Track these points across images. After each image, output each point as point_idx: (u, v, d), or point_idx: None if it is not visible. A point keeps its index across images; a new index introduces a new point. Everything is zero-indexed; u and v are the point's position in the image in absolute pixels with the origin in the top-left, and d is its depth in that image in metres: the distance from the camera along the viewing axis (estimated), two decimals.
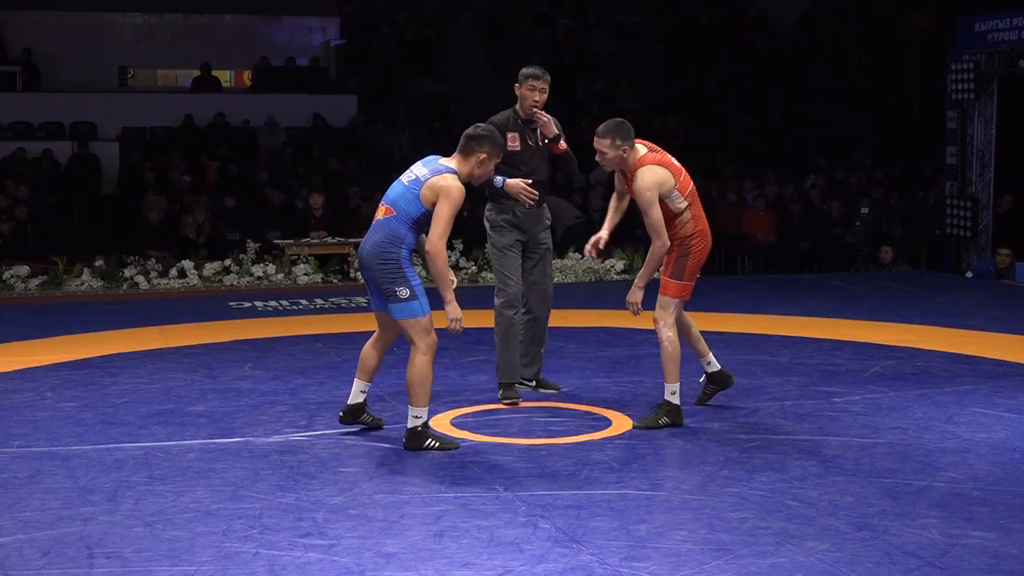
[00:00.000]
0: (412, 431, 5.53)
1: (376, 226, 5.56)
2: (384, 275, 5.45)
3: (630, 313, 6.09)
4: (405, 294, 5.43)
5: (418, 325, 5.45)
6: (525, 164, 6.69)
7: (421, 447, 5.50)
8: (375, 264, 5.47)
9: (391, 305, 5.48)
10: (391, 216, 5.52)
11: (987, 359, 7.80)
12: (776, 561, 4.10)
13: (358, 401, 5.85)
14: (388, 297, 5.47)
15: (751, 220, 14.90)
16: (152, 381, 7.22)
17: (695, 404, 6.42)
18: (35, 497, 4.86)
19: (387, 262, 5.45)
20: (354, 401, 5.85)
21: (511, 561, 4.12)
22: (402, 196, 5.53)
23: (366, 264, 5.53)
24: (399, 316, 5.47)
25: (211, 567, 4.07)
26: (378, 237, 5.51)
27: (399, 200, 5.52)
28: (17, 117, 17.45)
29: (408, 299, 5.43)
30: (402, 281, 5.43)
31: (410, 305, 5.43)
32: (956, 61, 13.85)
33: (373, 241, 5.53)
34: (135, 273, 11.96)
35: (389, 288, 5.45)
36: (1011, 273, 12.23)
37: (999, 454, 5.49)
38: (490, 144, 5.60)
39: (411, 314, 5.44)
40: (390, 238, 5.48)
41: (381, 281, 5.47)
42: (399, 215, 5.50)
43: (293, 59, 19.97)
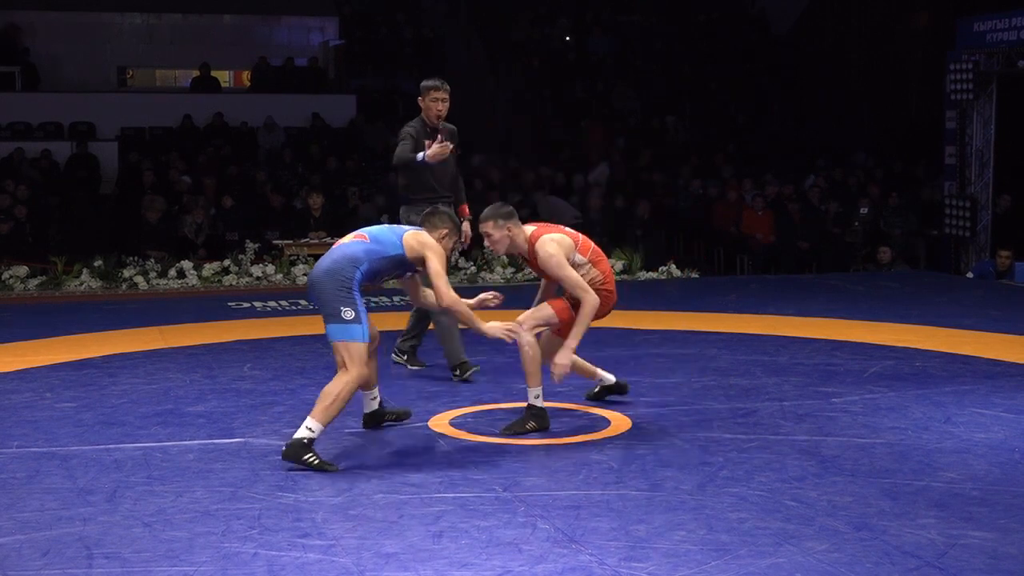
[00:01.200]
0: (297, 442, 5.19)
1: (336, 249, 5.47)
2: (332, 293, 5.29)
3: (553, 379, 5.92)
4: (349, 315, 5.28)
5: (355, 350, 5.28)
6: (430, 172, 7.16)
7: (300, 460, 5.17)
8: (326, 281, 5.32)
9: (331, 326, 5.30)
10: (361, 241, 5.45)
11: (986, 359, 7.81)
12: (775, 561, 4.10)
13: (373, 408, 5.86)
14: (329, 316, 5.30)
15: (750, 220, 14.90)
16: (151, 381, 7.22)
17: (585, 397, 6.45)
18: (34, 497, 4.86)
19: (338, 280, 5.31)
20: (369, 409, 5.87)
21: (510, 561, 4.13)
22: (380, 231, 5.54)
23: (315, 283, 5.38)
24: (337, 338, 5.29)
25: (210, 567, 4.07)
26: (335, 258, 5.40)
27: (379, 234, 5.51)
28: (16, 117, 17.46)
29: (351, 321, 5.28)
30: (349, 302, 5.29)
31: (351, 328, 5.28)
32: (955, 61, 13.86)
33: (330, 260, 5.40)
34: (134, 273, 11.96)
35: (333, 307, 5.28)
36: (1011, 274, 12.23)
37: (998, 454, 5.49)
38: (450, 222, 5.75)
39: (350, 337, 5.27)
40: (349, 259, 5.37)
41: (327, 299, 5.30)
42: (372, 243, 5.43)
43: (292, 59, 19.99)
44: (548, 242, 5.88)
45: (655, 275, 12.75)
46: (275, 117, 17.66)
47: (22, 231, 13.41)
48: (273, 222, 13.81)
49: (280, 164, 16.40)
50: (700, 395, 6.76)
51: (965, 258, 14.01)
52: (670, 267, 12.93)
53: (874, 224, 14.98)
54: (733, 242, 14.94)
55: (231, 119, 17.73)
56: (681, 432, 5.91)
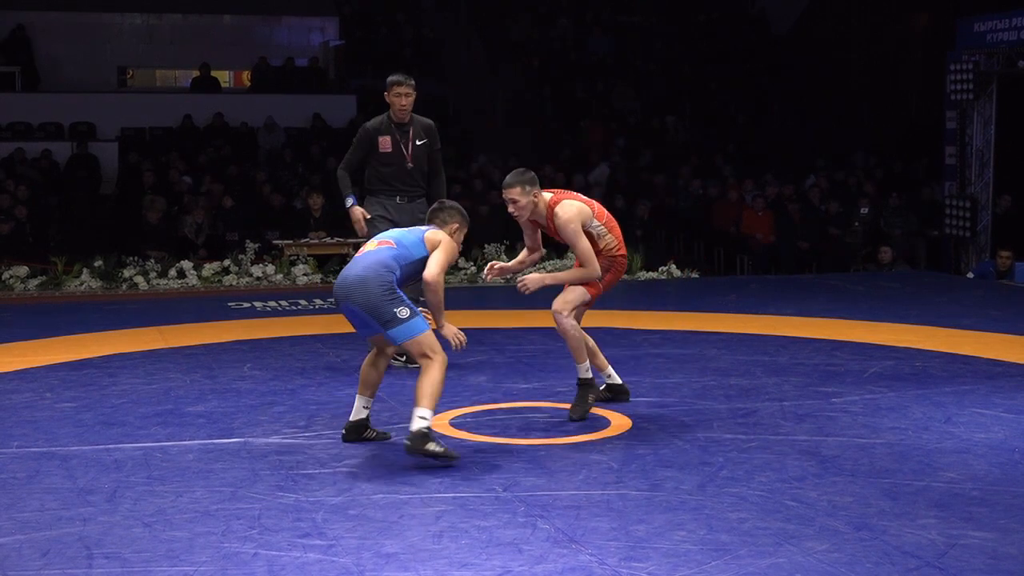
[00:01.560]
0: (418, 433, 5.23)
1: (365, 256, 5.45)
2: (379, 299, 5.27)
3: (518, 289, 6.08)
4: (405, 313, 5.29)
5: (426, 341, 5.32)
6: (393, 165, 7.45)
7: (424, 450, 5.26)
8: (371, 288, 5.29)
9: (392, 331, 5.30)
10: (388, 247, 5.45)
11: (986, 359, 7.81)
12: (775, 561, 4.10)
13: (361, 417, 5.71)
14: (387, 323, 5.29)
15: (750, 220, 14.91)
16: (151, 381, 7.22)
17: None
18: (34, 497, 4.86)
19: (380, 286, 5.29)
20: (357, 417, 5.69)
21: (510, 561, 4.13)
22: (404, 235, 5.54)
23: (356, 288, 5.31)
24: (403, 339, 5.31)
25: (210, 567, 4.07)
26: (367, 264, 5.38)
27: (400, 237, 5.51)
28: (16, 117, 17.47)
29: (409, 318, 5.29)
30: (399, 301, 5.30)
31: (412, 324, 5.30)
32: (955, 61, 13.86)
33: (361, 268, 5.37)
34: (134, 273, 11.96)
35: (387, 311, 5.28)
36: (1011, 274, 12.24)
37: (998, 454, 5.49)
38: (459, 215, 5.74)
39: (417, 332, 5.31)
40: (383, 265, 5.36)
41: (378, 307, 5.28)
42: (399, 248, 5.43)
43: (292, 59, 19.99)
44: (568, 207, 6.01)
45: (655, 275, 12.75)
46: (275, 117, 17.66)
47: (22, 231, 13.41)
48: (273, 222, 13.82)
49: (280, 164, 16.41)
50: (700, 395, 6.76)
51: (965, 258, 14.01)
52: (670, 267, 12.93)
53: (874, 224, 14.98)
54: (733, 242, 14.94)
55: (231, 119, 17.73)
56: (681, 432, 5.91)
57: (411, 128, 7.51)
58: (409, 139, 7.53)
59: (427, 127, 7.60)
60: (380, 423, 6.02)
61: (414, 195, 7.52)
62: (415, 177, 7.56)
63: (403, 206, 7.53)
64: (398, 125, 7.51)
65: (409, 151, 7.52)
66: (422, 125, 7.58)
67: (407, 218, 7.38)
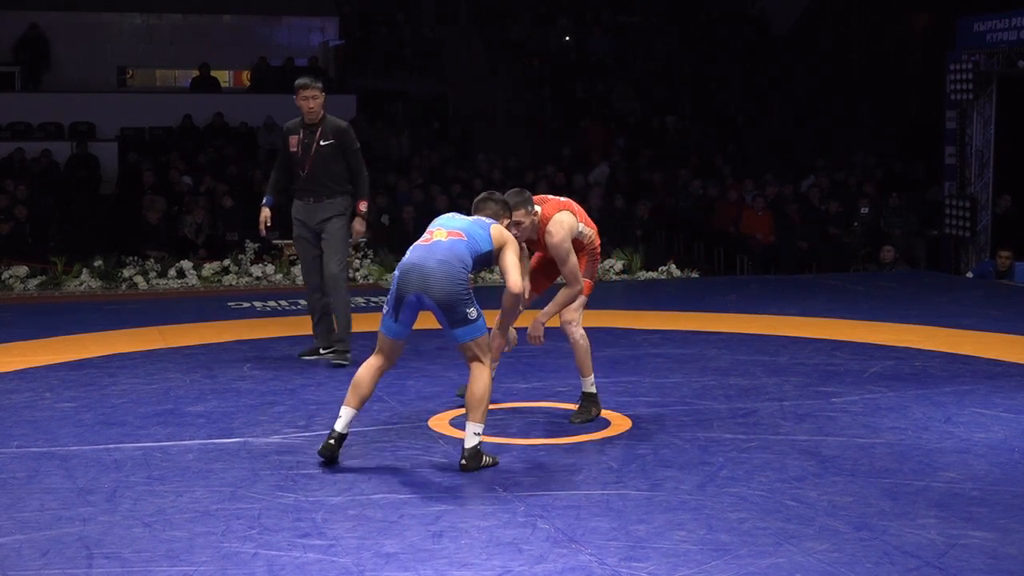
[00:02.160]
0: (475, 450, 5.20)
1: (440, 246, 5.26)
2: (457, 295, 5.19)
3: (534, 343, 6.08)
4: (475, 315, 5.24)
5: (484, 342, 5.29)
6: (299, 165, 7.61)
7: (480, 467, 5.19)
8: (451, 284, 5.16)
9: (458, 329, 5.23)
10: (460, 240, 5.30)
11: (986, 359, 7.81)
12: (775, 561, 4.10)
13: (346, 432, 5.32)
14: (458, 321, 5.21)
15: (750, 220, 14.90)
16: (151, 381, 7.22)
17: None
18: (34, 497, 4.86)
19: (458, 283, 5.20)
20: (344, 431, 5.31)
21: (510, 561, 4.12)
22: (472, 227, 5.40)
23: (435, 282, 5.15)
24: (468, 338, 5.25)
25: (210, 567, 4.07)
26: (447, 256, 5.21)
27: (470, 230, 5.38)
28: (16, 117, 17.46)
29: (477, 319, 5.25)
30: (472, 302, 5.25)
31: (479, 325, 5.26)
32: (955, 61, 13.86)
33: (441, 259, 5.20)
34: (134, 273, 11.96)
35: (461, 310, 5.20)
36: (1011, 274, 12.24)
37: (998, 454, 5.49)
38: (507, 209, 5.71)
39: (479, 333, 5.26)
40: (460, 259, 5.25)
41: (455, 304, 5.19)
42: (469, 242, 5.32)
43: (292, 59, 19.99)
44: (559, 225, 5.98)
45: (655, 275, 12.75)
46: (275, 117, 17.64)
47: (22, 231, 13.41)
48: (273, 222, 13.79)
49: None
50: (700, 395, 6.76)
51: (965, 258, 14.01)
52: (670, 267, 12.93)
53: (874, 224, 14.98)
54: (733, 242, 14.94)
55: (231, 119, 17.73)
56: (681, 432, 5.91)
57: (319, 129, 7.54)
58: (315, 140, 7.54)
59: (337, 129, 7.60)
60: (380, 423, 6.03)
61: (319, 196, 7.56)
62: (320, 178, 7.56)
63: (308, 207, 7.63)
64: (308, 126, 7.58)
65: (312, 152, 7.54)
66: (332, 127, 7.59)
67: (314, 218, 7.59)
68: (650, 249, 13.69)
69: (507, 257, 5.41)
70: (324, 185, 7.59)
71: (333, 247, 7.59)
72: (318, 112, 7.56)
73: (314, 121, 7.57)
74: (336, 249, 7.60)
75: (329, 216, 7.58)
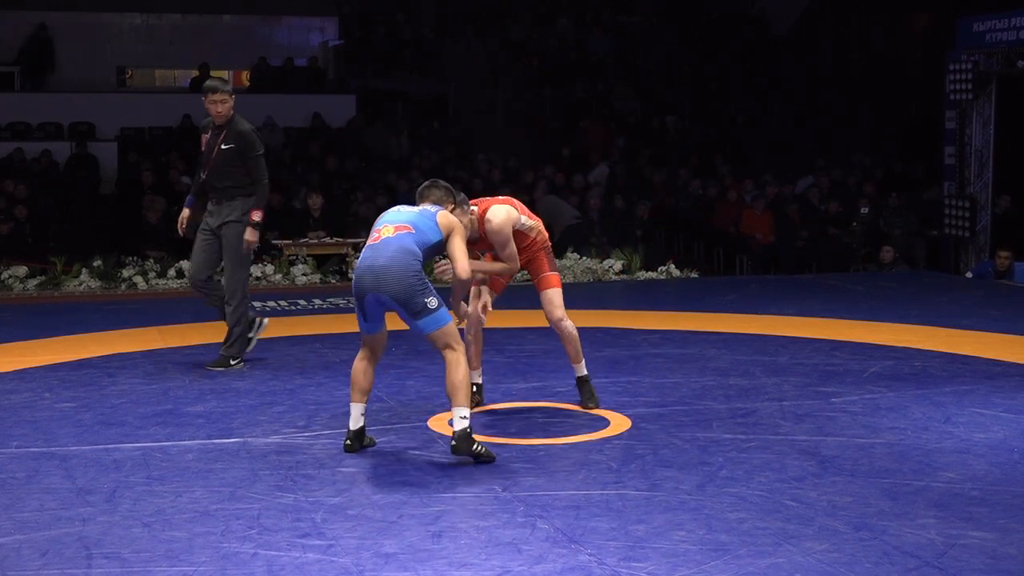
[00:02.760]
0: (464, 432, 5.24)
1: (388, 243, 5.36)
2: (412, 288, 5.26)
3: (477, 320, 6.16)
4: (434, 304, 5.29)
5: (451, 332, 5.34)
6: (203, 165, 7.69)
7: (471, 451, 5.25)
8: (403, 277, 5.26)
9: (421, 320, 5.29)
10: (408, 233, 5.39)
11: (985, 359, 7.81)
12: (774, 561, 4.10)
13: (361, 425, 5.57)
14: (418, 313, 5.27)
15: (750, 220, 14.90)
16: (150, 381, 7.22)
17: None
18: (33, 497, 4.86)
19: (410, 275, 5.27)
20: (357, 426, 5.54)
21: (509, 561, 4.12)
22: (418, 219, 5.48)
23: (386, 279, 5.25)
24: (432, 329, 5.30)
25: (209, 567, 4.07)
26: (395, 252, 5.32)
27: (416, 221, 5.46)
28: (15, 117, 17.45)
29: (437, 308, 5.30)
30: (428, 291, 5.30)
31: (440, 314, 5.31)
32: (955, 61, 13.86)
33: (391, 255, 5.31)
34: (133, 273, 11.96)
35: (419, 303, 5.27)
36: (1010, 274, 12.23)
37: (997, 454, 5.49)
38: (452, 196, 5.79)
39: (444, 322, 5.32)
40: (410, 252, 5.33)
41: (410, 296, 5.26)
42: (418, 234, 5.40)
43: (292, 59, 19.97)
44: (498, 212, 6.08)
45: (655, 275, 12.75)
46: (275, 117, 17.65)
47: (22, 231, 13.40)
48: (272, 222, 13.80)
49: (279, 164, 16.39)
50: (700, 395, 6.76)
51: (965, 258, 14.01)
52: (670, 267, 12.93)
53: (874, 224, 14.98)
54: (733, 242, 14.94)
55: None
56: (680, 432, 5.91)
57: (223, 132, 7.57)
58: (217, 142, 7.57)
59: (239, 133, 7.58)
60: (379, 423, 6.02)
61: (219, 198, 7.59)
62: (218, 181, 7.58)
63: (212, 207, 7.66)
64: (216, 127, 7.62)
65: (213, 155, 7.57)
66: (235, 131, 7.58)
67: (216, 219, 7.59)
68: (650, 249, 13.69)
69: (455, 243, 5.52)
70: (221, 188, 7.58)
71: (230, 258, 7.58)
72: (225, 116, 7.56)
73: (222, 123, 7.58)
74: (234, 261, 7.58)
75: (227, 220, 7.56)
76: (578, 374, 6.45)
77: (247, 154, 7.61)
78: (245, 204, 7.61)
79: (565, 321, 6.25)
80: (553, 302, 6.23)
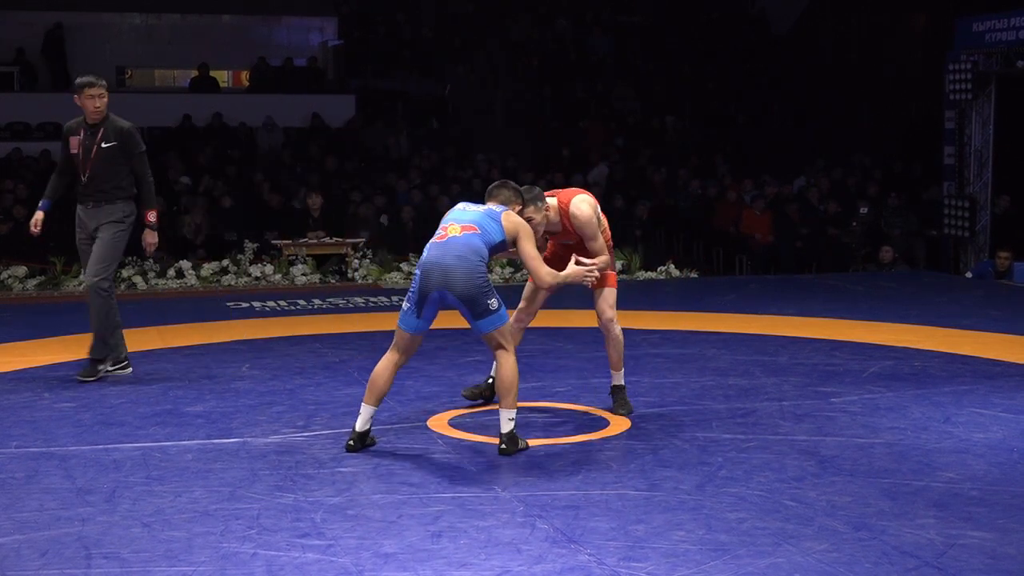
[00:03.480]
0: (511, 435, 5.43)
1: (456, 242, 5.39)
2: (479, 290, 5.34)
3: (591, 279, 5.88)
4: (495, 305, 5.40)
5: (506, 331, 5.47)
6: (80, 168, 7.28)
7: (518, 450, 5.43)
8: (471, 278, 5.33)
9: (482, 320, 5.39)
10: (474, 233, 5.44)
11: (985, 359, 7.81)
12: (774, 561, 4.10)
13: (367, 428, 5.57)
14: (481, 313, 5.37)
15: (750, 220, 14.91)
16: (150, 382, 7.22)
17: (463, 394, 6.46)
18: (33, 498, 4.86)
19: (477, 276, 5.35)
20: (363, 428, 5.53)
21: (509, 561, 4.12)
22: (483, 219, 5.52)
23: (455, 278, 5.32)
24: (492, 328, 5.41)
25: (209, 567, 4.07)
26: (463, 252, 5.36)
27: (481, 222, 5.50)
28: (15, 117, 17.45)
29: (498, 309, 5.41)
30: (492, 294, 5.40)
31: (500, 314, 5.43)
32: (954, 61, 13.86)
33: (458, 254, 5.36)
34: (133, 273, 11.97)
35: (483, 302, 5.36)
36: (1010, 274, 12.24)
37: (997, 454, 5.49)
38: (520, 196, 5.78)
39: (502, 322, 5.44)
40: (477, 253, 5.39)
41: (476, 297, 5.34)
42: (483, 235, 5.45)
43: (291, 59, 19.97)
44: (583, 205, 6.08)
45: (654, 275, 12.76)
46: (274, 117, 17.65)
47: (21, 231, 13.40)
48: (272, 222, 13.81)
49: (279, 164, 16.40)
50: (699, 395, 6.76)
51: (964, 258, 14.01)
52: (669, 267, 12.94)
53: (874, 224, 14.98)
54: (732, 242, 14.94)
55: (230, 119, 17.72)
56: (680, 432, 5.91)
57: (101, 130, 7.23)
58: (95, 142, 7.22)
59: (120, 130, 7.27)
60: (379, 422, 6.02)
61: (99, 200, 7.23)
62: (100, 182, 7.22)
63: (88, 211, 7.32)
64: (90, 126, 7.25)
65: (92, 155, 7.21)
66: (115, 128, 7.24)
67: (91, 223, 7.29)
68: (649, 249, 13.70)
69: (526, 249, 5.57)
70: (101, 190, 7.23)
71: (99, 255, 7.24)
72: (102, 112, 7.21)
73: (97, 121, 7.22)
74: (100, 257, 7.24)
75: (105, 222, 7.25)
76: (614, 382, 6.37)
77: (131, 152, 7.26)
78: (125, 207, 7.27)
79: (615, 323, 6.22)
80: (607, 300, 6.21)
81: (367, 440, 5.60)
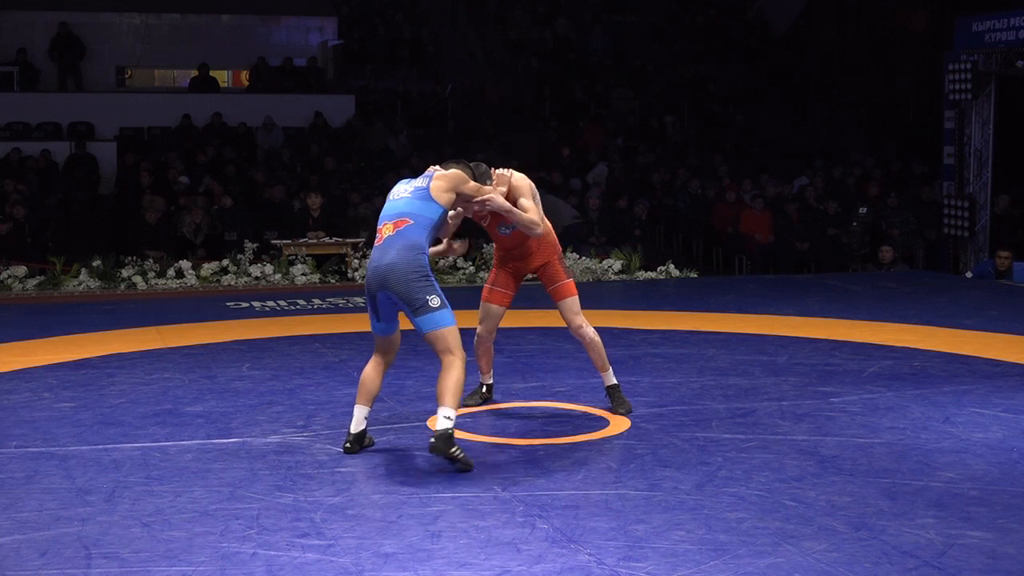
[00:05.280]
0: (445, 433, 5.13)
1: (391, 242, 5.34)
2: (414, 285, 5.24)
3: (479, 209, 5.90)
4: (436, 303, 5.25)
5: (451, 336, 5.27)
6: None
7: (448, 452, 5.14)
8: (406, 273, 5.24)
9: (420, 318, 5.25)
10: (408, 226, 5.36)
11: (984, 359, 7.81)
12: (774, 561, 4.10)
13: (362, 428, 5.55)
14: (418, 310, 5.23)
15: (749, 220, 14.90)
16: (150, 381, 7.22)
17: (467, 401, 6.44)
18: (32, 497, 4.86)
19: (417, 270, 5.26)
20: (358, 429, 5.52)
21: (509, 561, 4.12)
22: (413, 204, 5.42)
23: (391, 277, 5.24)
24: (429, 328, 5.25)
25: (209, 567, 4.07)
26: (398, 248, 5.30)
27: (412, 208, 5.41)
28: (15, 117, 17.44)
29: (440, 307, 5.25)
30: (432, 289, 5.27)
31: (441, 315, 5.25)
32: (953, 61, 13.86)
33: (394, 253, 5.29)
34: (133, 273, 11.96)
35: (420, 299, 5.23)
36: (1010, 274, 12.24)
37: (996, 454, 5.49)
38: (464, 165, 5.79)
39: (444, 323, 5.26)
40: (413, 246, 5.31)
41: (411, 292, 5.23)
42: (417, 221, 5.37)
43: (291, 59, 19.96)
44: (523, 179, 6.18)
45: (654, 275, 12.75)
46: (274, 117, 17.65)
47: (21, 231, 13.40)
48: (271, 222, 13.81)
49: (279, 164, 16.40)
50: (699, 395, 6.76)
51: (964, 258, 14.02)
52: (669, 267, 12.94)
53: (873, 224, 14.98)
54: (732, 242, 14.94)
55: (230, 119, 17.72)
56: (680, 432, 5.91)
57: None
58: None
59: None
60: (379, 422, 6.02)
61: None
62: None
63: None
64: None
65: None
66: None
67: None
68: (649, 249, 13.69)
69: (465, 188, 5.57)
70: None
71: None
72: None
73: None
74: None
75: None
76: (606, 383, 6.36)
77: None
78: None
79: (585, 328, 6.20)
80: (572, 310, 6.20)
81: (365, 441, 5.59)
